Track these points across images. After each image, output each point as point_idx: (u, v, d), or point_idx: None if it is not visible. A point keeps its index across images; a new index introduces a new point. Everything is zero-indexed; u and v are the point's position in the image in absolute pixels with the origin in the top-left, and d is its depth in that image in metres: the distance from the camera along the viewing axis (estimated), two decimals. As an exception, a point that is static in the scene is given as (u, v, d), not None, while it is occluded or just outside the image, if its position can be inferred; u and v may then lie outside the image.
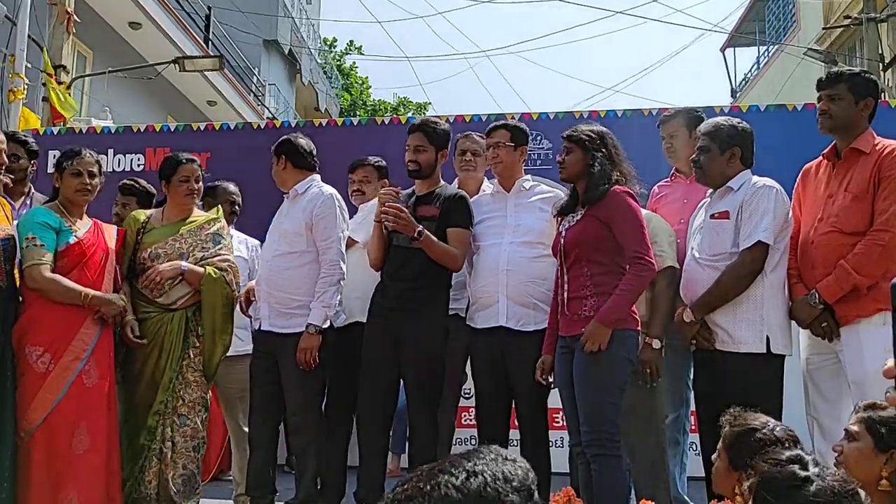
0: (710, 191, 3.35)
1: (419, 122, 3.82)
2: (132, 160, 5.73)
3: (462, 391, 4.07)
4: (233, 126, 6.04)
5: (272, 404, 3.74)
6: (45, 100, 8.00)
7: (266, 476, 3.69)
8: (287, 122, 6.58)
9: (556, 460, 3.63)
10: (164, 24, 12.12)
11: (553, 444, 3.70)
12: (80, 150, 3.51)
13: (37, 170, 4.15)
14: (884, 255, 3.00)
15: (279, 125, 6.27)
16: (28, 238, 3.30)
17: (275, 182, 3.91)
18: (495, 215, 3.64)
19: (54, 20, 8.30)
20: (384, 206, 3.53)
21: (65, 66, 8.33)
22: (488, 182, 3.96)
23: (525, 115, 5.28)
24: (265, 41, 18.10)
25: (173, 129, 6.07)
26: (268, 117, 16.46)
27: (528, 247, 3.52)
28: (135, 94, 12.02)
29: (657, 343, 3.34)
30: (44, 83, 7.94)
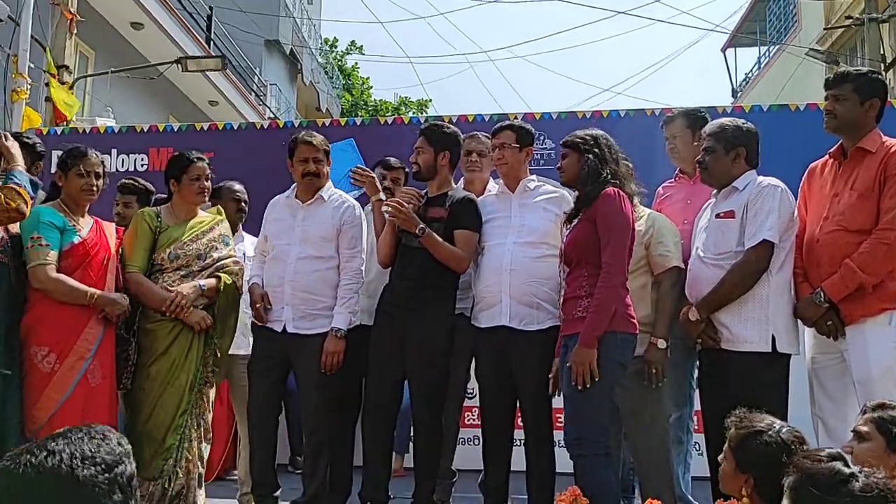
0: (714, 191, 3.35)
1: (426, 125, 3.83)
2: (136, 160, 5.74)
3: (466, 390, 4.08)
4: (236, 126, 6.05)
5: (275, 404, 3.77)
6: (47, 100, 8.01)
7: (271, 474, 3.70)
8: (290, 123, 6.58)
9: (560, 459, 3.63)
10: (166, 23, 12.13)
11: (557, 444, 3.70)
12: (85, 150, 3.51)
13: (42, 171, 4.14)
14: (889, 254, 3.00)
15: (282, 125, 6.28)
16: (33, 238, 3.30)
17: (277, 181, 3.96)
18: (500, 215, 3.65)
19: (57, 20, 8.30)
20: (389, 202, 3.56)
21: (67, 66, 8.34)
22: (493, 182, 3.96)
23: (528, 115, 5.29)
24: (266, 41, 18.12)
25: (176, 129, 6.08)
26: (269, 117, 16.48)
27: (531, 247, 3.52)
28: (136, 94, 12.04)
29: (662, 343, 3.34)
30: (46, 83, 7.95)
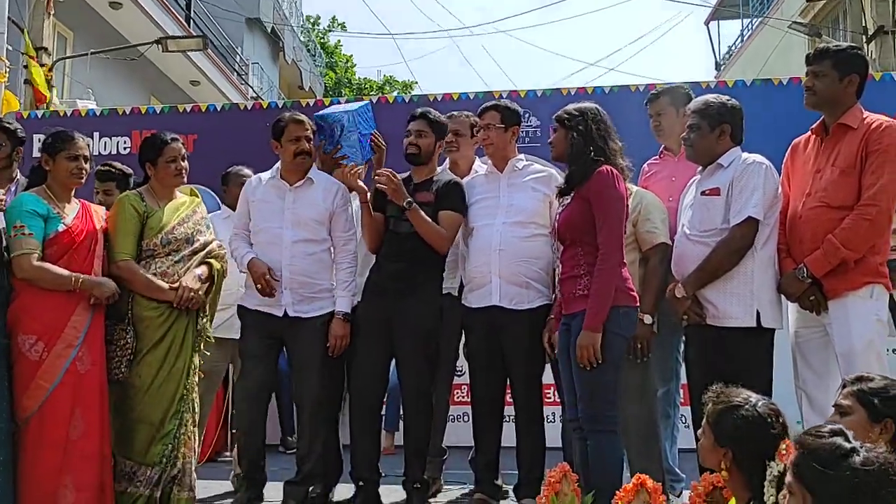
0: (699, 168, 3.38)
1: (422, 110, 3.77)
2: (118, 143, 5.69)
3: (455, 369, 4.11)
4: (219, 107, 6.00)
5: (267, 388, 3.79)
6: (26, 82, 7.92)
7: (262, 460, 3.71)
8: (274, 103, 6.55)
9: (549, 434, 3.68)
10: (145, 3, 11.98)
11: (547, 420, 3.75)
12: (72, 133, 3.47)
13: (23, 156, 4.11)
14: (871, 230, 3.04)
15: (266, 106, 6.23)
16: (16, 227, 3.27)
17: (262, 162, 3.94)
18: (488, 196, 3.66)
19: (34, 1, 8.18)
20: (380, 172, 3.54)
21: (46, 48, 8.24)
22: (479, 161, 3.96)
23: (513, 92, 5.28)
24: (248, 19, 17.91)
25: (159, 111, 6.02)
26: (252, 96, 16.33)
27: (520, 227, 3.54)
28: (117, 75, 11.91)
29: (648, 319, 3.38)
30: (25, 66, 7.84)
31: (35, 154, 5.10)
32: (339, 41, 27.55)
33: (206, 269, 3.58)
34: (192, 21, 14.98)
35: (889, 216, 3.11)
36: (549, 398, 4.27)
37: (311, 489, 3.70)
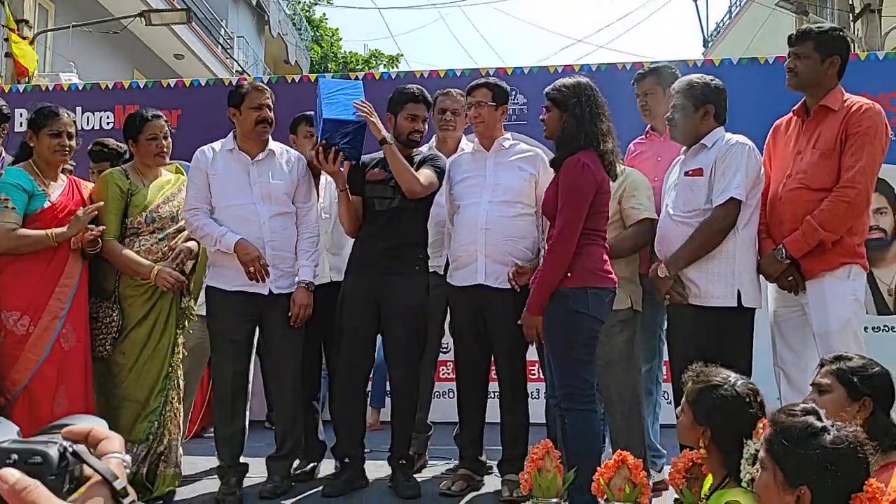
0: (683, 148, 3.40)
1: (421, 94, 3.69)
2: (101, 118, 5.65)
3: (441, 346, 4.14)
4: (203, 82, 5.96)
5: (246, 376, 3.73)
6: (7, 55, 7.80)
7: (242, 445, 3.69)
8: (259, 79, 6.48)
9: (533, 411, 3.73)
10: (128, -26, 11.78)
11: (531, 396, 3.80)
12: (56, 109, 3.45)
13: (7, 133, 4.07)
14: (849, 212, 3.08)
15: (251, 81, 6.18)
16: (0, 199, 3.27)
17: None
18: (475, 174, 3.66)
19: (14, -27, 8.05)
20: (362, 102, 3.48)
21: (27, 21, 8.11)
22: (465, 140, 3.96)
23: (499, 69, 5.26)
24: (232, -8, 17.70)
25: (143, 86, 5.96)
26: (237, 71, 16.18)
27: (506, 206, 3.55)
28: (100, 49, 11.74)
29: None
30: (6, 38, 7.73)
31: (18, 129, 5.06)
32: (324, 14, 27.24)
33: (194, 245, 3.59)
34: (176, -7, 14.75)
35: (867, 198, 3.16)
36: (534, 374, 4.32)
37: (294, 465, 3.72)
